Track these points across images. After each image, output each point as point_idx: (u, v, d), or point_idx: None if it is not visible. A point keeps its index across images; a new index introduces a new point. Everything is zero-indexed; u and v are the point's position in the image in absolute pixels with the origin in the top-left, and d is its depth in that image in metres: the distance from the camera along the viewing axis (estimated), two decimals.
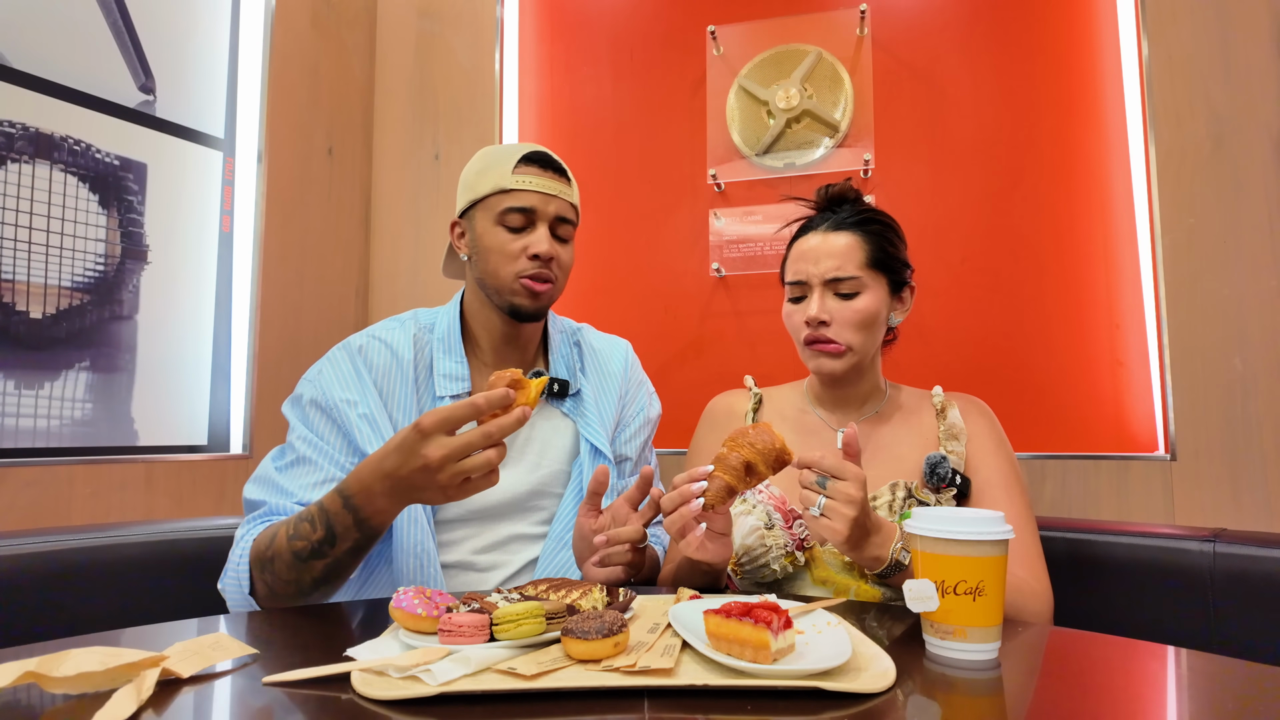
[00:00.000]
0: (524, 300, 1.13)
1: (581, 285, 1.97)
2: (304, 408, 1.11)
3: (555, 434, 1.20)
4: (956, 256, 1.71)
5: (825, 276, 1.09)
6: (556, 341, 1.26)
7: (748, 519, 1.08)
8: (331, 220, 1.99)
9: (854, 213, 1.13)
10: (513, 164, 1.13)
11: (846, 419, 1.16)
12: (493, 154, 1.17)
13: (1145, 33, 1.59)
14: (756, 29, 1.88)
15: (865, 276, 1.09)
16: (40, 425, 1.38)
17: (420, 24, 2.13)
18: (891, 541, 0.91)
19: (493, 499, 1.14)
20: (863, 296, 1.09)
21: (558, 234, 1.16)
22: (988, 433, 1.13)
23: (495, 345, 1.19)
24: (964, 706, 0.62)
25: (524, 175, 1.12)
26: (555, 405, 1.21)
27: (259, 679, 0.64)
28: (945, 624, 0.71)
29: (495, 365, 1.19)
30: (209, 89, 1.72)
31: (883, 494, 1.07)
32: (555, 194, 1.14)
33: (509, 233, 1.13)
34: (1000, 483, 1.08)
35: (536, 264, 1.12)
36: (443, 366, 1.16)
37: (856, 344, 1.09)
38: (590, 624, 0.65)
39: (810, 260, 1.10)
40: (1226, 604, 1.09)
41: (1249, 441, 1.47)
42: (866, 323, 1.09)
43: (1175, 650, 0.75)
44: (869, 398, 1.17)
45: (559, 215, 1.15)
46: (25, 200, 1.37)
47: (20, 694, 0.61)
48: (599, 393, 1.25)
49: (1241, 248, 1.50)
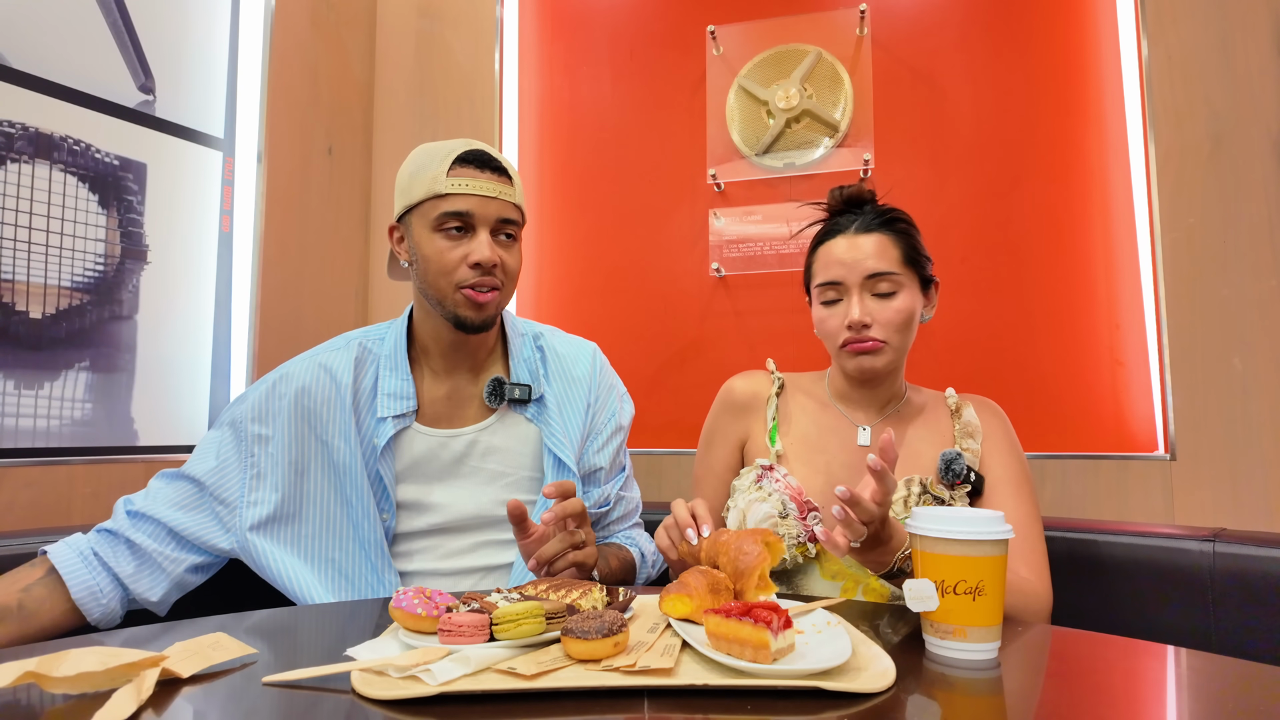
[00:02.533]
0: (467, 311, 1.07)
1: (581, 285, 1.97)
2: (220, 428, 1.13)
3: (519, 441, 1.15)
4: (956, 256, 1.71)
5: (865, 274, 1.07)
6: (517, 345, 1.19)
7: (762, 506, 1.08)
8: (331, 220, 1.99)
9: (878, 213, 1.12)
10: (447, 165, 1.06)
11: (867, 417, 1.17)
12: (426, 153, 1.10)
13: (1145, 33, 1.59)
14: (756, 29, 1.88)
15: (902, 275, 1.09)
16: (40, 425, 1.38)
17: (420, 24, 2.13)
18: (900, 547, 0.90)
19: (452, 514, 1.12)
20: (900, 295, 1.08)
21: (502, 235, 1.09)
22: (1001, 433, 1.14)
23: (444, 353, 1.14)
24: (964, 706, 0.62)
25: (459, 178, 1.05)
26: (519, 411, 1.16)
27: (259, 679, 0.64)
28: (945, 624, 0.71)
29: (446, 374, 1.14)
30: (209, 89, 1.72)
31: (899, 489, 1.07)
32: (494, 195, 1.06)
33: (447, 240, 1.06)
34: (1011, 481, 1.09)
35: (478, 273, 1.05)
36: (387, 385, 1.12)
37: (896, 343, 1.09)
38: (590, 624, 0.65)
39: (844, 262, 1.09)
40: (1226, 604, 1.09)
41: (1249, 441, 1.47)
42: (906, 322, 1.09)
43: (1175, 650, 0.75)
44: (891, 398, 1.17)
45: (500, 217, 1.07)
46: (25, 200, 1.37)
47: (20, 694, 0.61)
48: (563, 401, 1.19)
49: (1241, 248, 1.50)
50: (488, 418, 1.15)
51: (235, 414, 1.13)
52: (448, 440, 1.13)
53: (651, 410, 1.86)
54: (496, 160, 1.09)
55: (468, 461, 1.13)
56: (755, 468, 1.15)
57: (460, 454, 1.13)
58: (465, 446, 1.13)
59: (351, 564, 1.09)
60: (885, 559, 0.89)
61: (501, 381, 1.14)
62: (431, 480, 1.12)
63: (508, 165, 1.11)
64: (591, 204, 1.97)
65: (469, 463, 1.13)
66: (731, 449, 1.22)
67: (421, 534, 1.12)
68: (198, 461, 1.10)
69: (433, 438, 1.12)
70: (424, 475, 1.12)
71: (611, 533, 1.26)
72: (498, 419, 1.15)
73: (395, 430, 1.10)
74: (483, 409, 1.15)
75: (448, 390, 1.15)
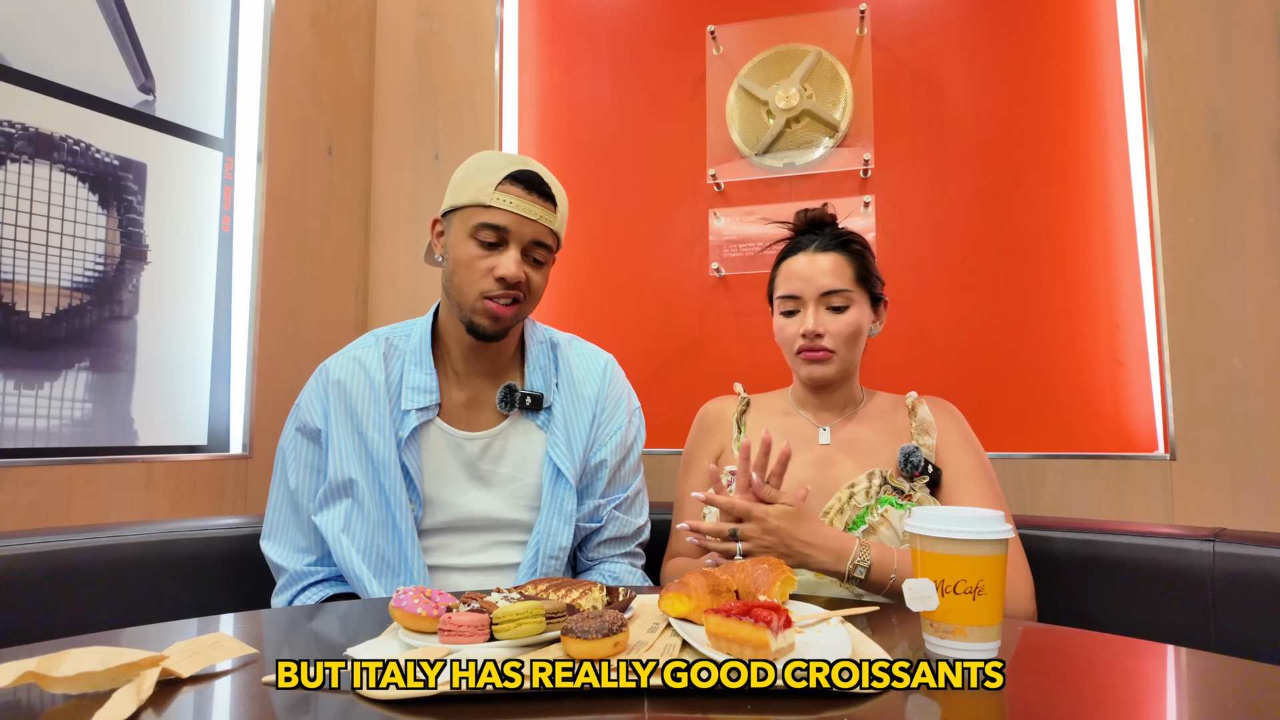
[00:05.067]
0: (483, 321, 1.10)
1: (581, 285, 1.97)
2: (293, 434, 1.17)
3: (530, 447, 1.17)
4: (956, 256, 1.71)
5: (820, 291, 1.18)
6: (534, 352, 1.21)
7: None
8: (331, 220, 1.99)
9: (835, 235, 1.22)
10: (497, 180, 1.09)
11: (828, 420, 1.25)
12: (482, 162, 1.13)
13: (1145, 33, 1.59)
14: (756, 29, 1.88)
15: (854, 292, 1.19)
16: (40, 425, 1.38)
17: (420, 24, 2.13)
18: (847, 556, 0.98)
19: (465, 514, 1.14)
20: (851, 310, 1.19)
21: (533, 257, 1.12)
22: (955, 429, 1.21)
23: (465, 355, 1.17)
24: (964, 706, 0.62)
25: (505, 195, 1.08)
26: (530, 418, 1.18)
27: (259, 679, 0.64)
28: (945, 623, 0.71)
29: (465, 376, 1.17)
30: (209, 89, 1.72)
31: (860, 482, 1.15)
32: (534, 218, 1.10)
33: (480, 248, 1.09)
34: (969, 474, 1.16)
35: (501, 286, 1.09)
36: (412, 379, 1.15)
37: (844, 354, 1.19)
38: (590, 624, 0.65)
39: (803, 278, 1.19)
40: (1226, 604, 1.09)
41: (1249, 441, 1.47)
42: (855, 334, 1.19)
43: (1175, 650, 0.75)
44: (848, 402, 1.27)
45: (535, 239, 1.11)
46: (25, 200, 1.37)
47: (20, 694, 0.61)
48: (570, 412, 1.20)
49: (1241, 248, 1.50)
50: (501, 422, 1.17)
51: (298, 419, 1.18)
52: (464, 441, 1.15)
53: (651, 410, 1.86)
54: (545, 185, 1.11)
55: (481, 464, 1.16)
56: (725, 474, 1.18)
57: (474, 456, 1.15)
58: (479, 450, 1.16)
59: (393, 552, 1.11)
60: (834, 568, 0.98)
61: (514, 388, 1.16)
62: (448, 479, 1.15)
63: (557, 193, 1.13)
64: (591, 204, 1.97)
65: (482, 465, 1.16)
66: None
67: (438, 530, 1.14)
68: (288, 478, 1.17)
69: (452, 437, 1.15)
70: (442, 472, 1.14)
71: (597, 559, 1.23)
72: (510, 424, 1.18)
73: (419, 422, 1.13)
74: (497, 414, 1.18)
75: (468, 394, 1.18)
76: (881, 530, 1.10)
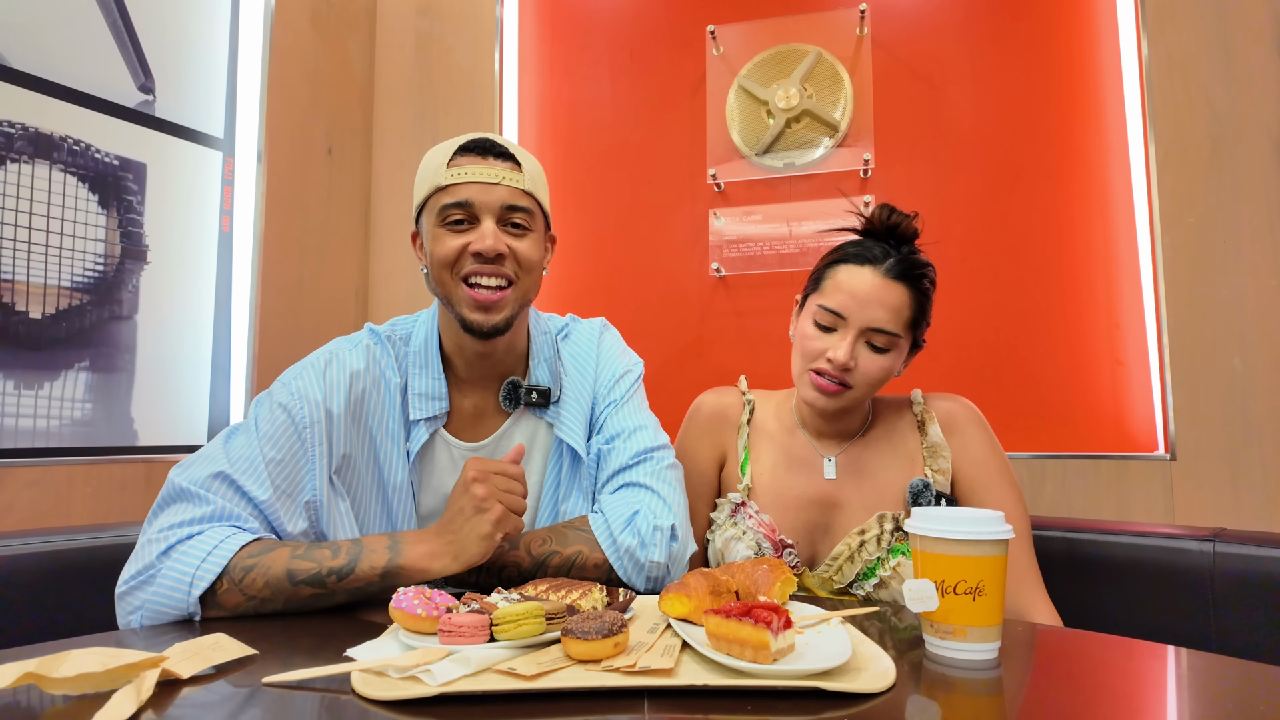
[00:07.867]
0: (472, 313, 0.98)
1: (581, 285, 1.97)
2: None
3: (534, 446, 1.10)
4: (956, 256, 1.71)
5: (869, 324, 1.05)
6: (539, 344, 1.12)
7: (738, 545, 1.10)
8: (331, 220, 1.99)
9: (912, 262, 1.08)
10: (448, 157, 0.99)
11: (834, 446, 1.16)
12: (433, 152, 1.03)
13: (1145, 32, 1.59)
14: (756, 29, 1.88)
15: (902, 336, 1.07)
16: (40, 425, 1.38)
17: (420, 24, 2.13)
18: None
19: None
20: (890, 355, 1.07)
21: (511, 223, 1.00)
22: (971, 444, 1.12)
23: (469, 362, 1.06)
24: (964, 706, 0.61)
25: (460, 167, 0.98)
26: (537, 414, 1.10)
27: (259, 679, 0.64)
28: (945, 624, 0.71)
29: (471, 385, 1.08)
30: (208, 89, 1.72)
31: (871, 526, 1.08)
32: (497, 181, 0.98)
33: (450, 233, 0.98)
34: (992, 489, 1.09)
35: (479, 261, 0.97)
36: (418, 385, 1.05)
37: (861, 395, 1.09)
38: (590, 624, 0.65)
39: (859, 300, 1.05)
40: (1226, 604, 1.09)
41: (1249, 441, 1.47)
42: (883, 379, 1.08)
43: (1175, 650, 0.75)
44: (856, 426, 1.17)
45: (507, 204, 0.98)
46: (25, 200, 1.37)
47: (20, 695, 0.61)
48: (578, 392, 1.12)
49: (1241, 248, 1.50)
50: (505, 423, 1.10)
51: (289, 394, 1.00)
52: (466, 453, 1.08)
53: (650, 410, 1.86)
54: (500, 145, 1.01)
55: None
56: (729, 502, 1.15)
57: None
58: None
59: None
60: None
61: (517, 385, 1.08)
62: (447, 492, 1.07)
63: (515, 151, 1.02)
64: (591, 204, 1.96)
65: None
66: (708, 466, 1.20)
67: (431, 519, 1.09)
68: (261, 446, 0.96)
69: (455, 449, 1.08)
70: (442, 487, 1.08)
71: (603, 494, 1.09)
72: (514, 423, 1.10)
73: (428, 434, 1.04)
74: (501, 414, 1.10)
75: (474, 403, 1.09)
76: (893, 585, 1.05)
